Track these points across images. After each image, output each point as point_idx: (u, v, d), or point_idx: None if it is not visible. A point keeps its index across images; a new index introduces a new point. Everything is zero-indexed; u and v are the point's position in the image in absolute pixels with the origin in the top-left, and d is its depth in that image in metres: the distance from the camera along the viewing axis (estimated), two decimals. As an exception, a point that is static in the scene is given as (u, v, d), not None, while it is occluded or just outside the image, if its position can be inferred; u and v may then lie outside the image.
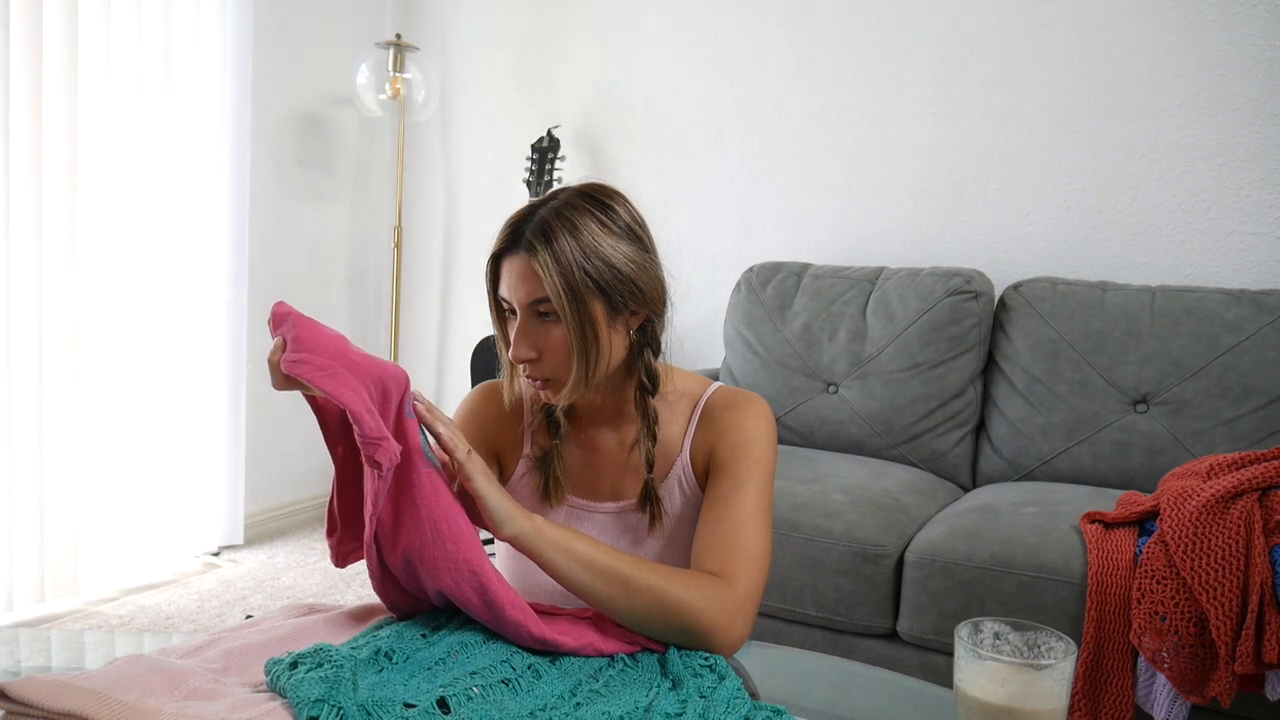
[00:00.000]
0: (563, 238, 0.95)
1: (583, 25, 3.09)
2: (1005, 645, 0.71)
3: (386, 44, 3.09)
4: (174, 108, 2.64)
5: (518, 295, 0.97)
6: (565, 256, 0.95)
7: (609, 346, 0.99)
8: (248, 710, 0.66)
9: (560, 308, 0.95)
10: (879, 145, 2.67)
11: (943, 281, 2.29)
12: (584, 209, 0.98)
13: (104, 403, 2.52)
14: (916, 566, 1.74)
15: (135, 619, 2.36)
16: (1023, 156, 2.49)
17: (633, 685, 0.80)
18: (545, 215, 0.97)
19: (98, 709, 0.62)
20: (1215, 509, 1.47)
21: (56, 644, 0.92)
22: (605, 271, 0.96)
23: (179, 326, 2.71)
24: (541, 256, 0.95)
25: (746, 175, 2.86)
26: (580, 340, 0.96)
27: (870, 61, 2.67)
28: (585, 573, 0.87)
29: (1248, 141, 2.25)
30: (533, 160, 2.88)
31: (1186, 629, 1.43)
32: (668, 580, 0.88)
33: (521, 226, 0.98)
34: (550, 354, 0.98)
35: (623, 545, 1.08)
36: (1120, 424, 2.07)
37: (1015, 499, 1.88)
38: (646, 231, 1.04)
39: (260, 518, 3.07)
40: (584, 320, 0.96)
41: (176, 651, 0.77)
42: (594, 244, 0.96)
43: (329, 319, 3.14)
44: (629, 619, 0.87)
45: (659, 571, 0.89)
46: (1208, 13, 2.27)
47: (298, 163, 3.13)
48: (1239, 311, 2.03)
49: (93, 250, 2.45)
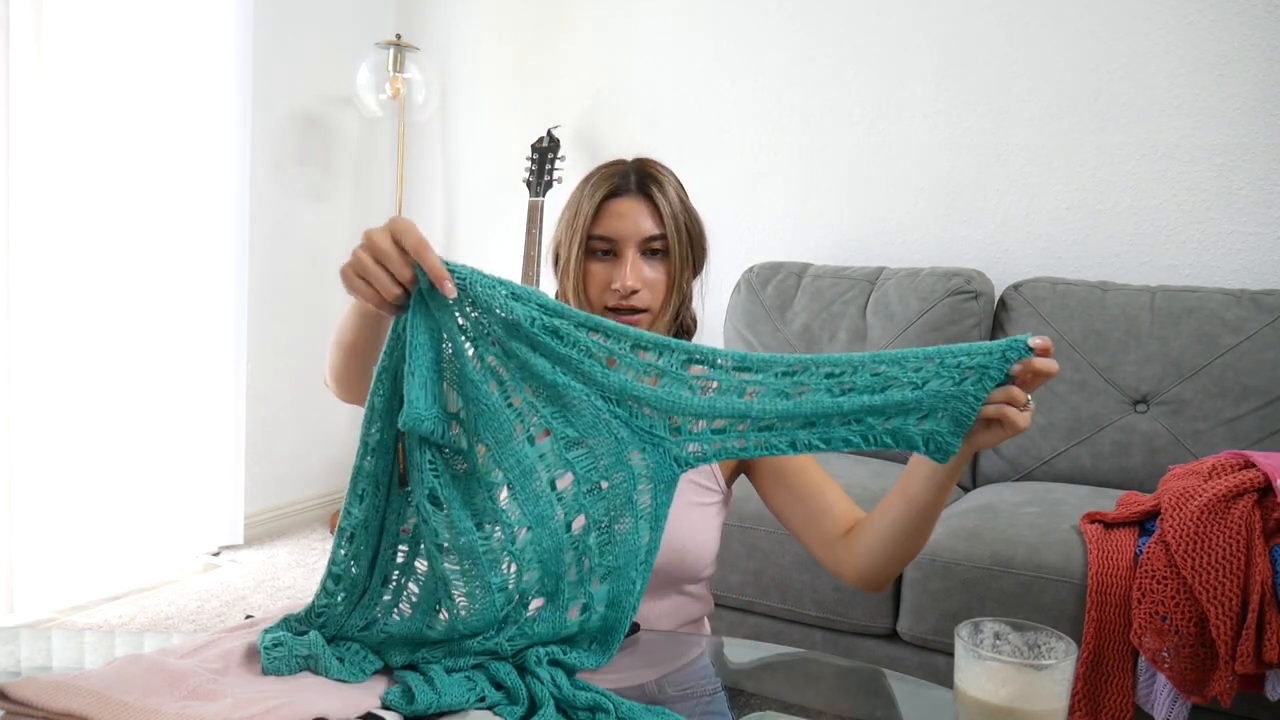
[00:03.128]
0: (669, 187, 1.12)
1: (583, 25, 3.09)
2: (1005, 645, 0.71)
3: (386, 44, 3.09)
4: (174, 107, 2.63)
5: (633, 231, 1.10)
6: (675, 201, 1.12)
7: (688, 286, 1.15)
8: (248, 710, 0.66)
9: (675, 242, 1.11)
10: (879, 145, 2.67)
11: (943, 281, 2.29)
12: (670, 172, 1.15)
13: (103, 403, 2.51)
14: (916, 566, 1.74)
15: (135, 619, 2.36)
16: (1023, 156, 2.49)
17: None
18: (648, 169, 1.13)
19: (98, 709, 0.62)
20: (1216, 509, 1.47)
21: (56, 644, 0.92)
22: (693, 224, 1.15)
23: (179, 326, 2.71)
24: (660, 198, 1.10)
25: (746, 175, 2.85)
26: (680, 273, 1.12)
27: (871, 61, 2.66)
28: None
29: (1248, 141, 2.25)
30: (533, 160, 2.87)
31: (1187, 629, 1.43)
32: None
33: (628, 175, 1.12)
34: (650, 287, 1.11)
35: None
36: (1120, 424, 2.07)
37: (1015, 499, 1.88)
38: None
39: (260, 518, 3.07)
40: (684, 255, 1.12)
41: (176, 651, 0.77)
42: (685, 198, 1.15)
43: (328, 319, 3.14)
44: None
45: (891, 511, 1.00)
46: (1208, 13, 2.27)
47: (298, 162, 3.13)
48: (1239, 311, 2.03)
49: (93, 250, 2.45)
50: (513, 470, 0.79)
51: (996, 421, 0.81)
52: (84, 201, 2.42)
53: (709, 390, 0.81)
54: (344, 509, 0.80)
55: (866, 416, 0.79)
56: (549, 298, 0.79)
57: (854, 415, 0.79)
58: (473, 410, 0.78)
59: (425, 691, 0.73)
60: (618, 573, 0.83)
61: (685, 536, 1.09)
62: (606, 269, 1.11)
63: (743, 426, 0.81)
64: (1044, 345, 0.79)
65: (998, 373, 0.78)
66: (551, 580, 0.81)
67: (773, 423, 0.80)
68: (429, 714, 0.72)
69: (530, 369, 0.78)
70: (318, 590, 0.81)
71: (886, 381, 0.79)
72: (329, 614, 0.81)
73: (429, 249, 0.76)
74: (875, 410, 0.79)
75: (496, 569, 0.78)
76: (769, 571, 1.87)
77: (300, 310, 3.13)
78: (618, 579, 0.83)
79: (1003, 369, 0.78)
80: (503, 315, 0.77)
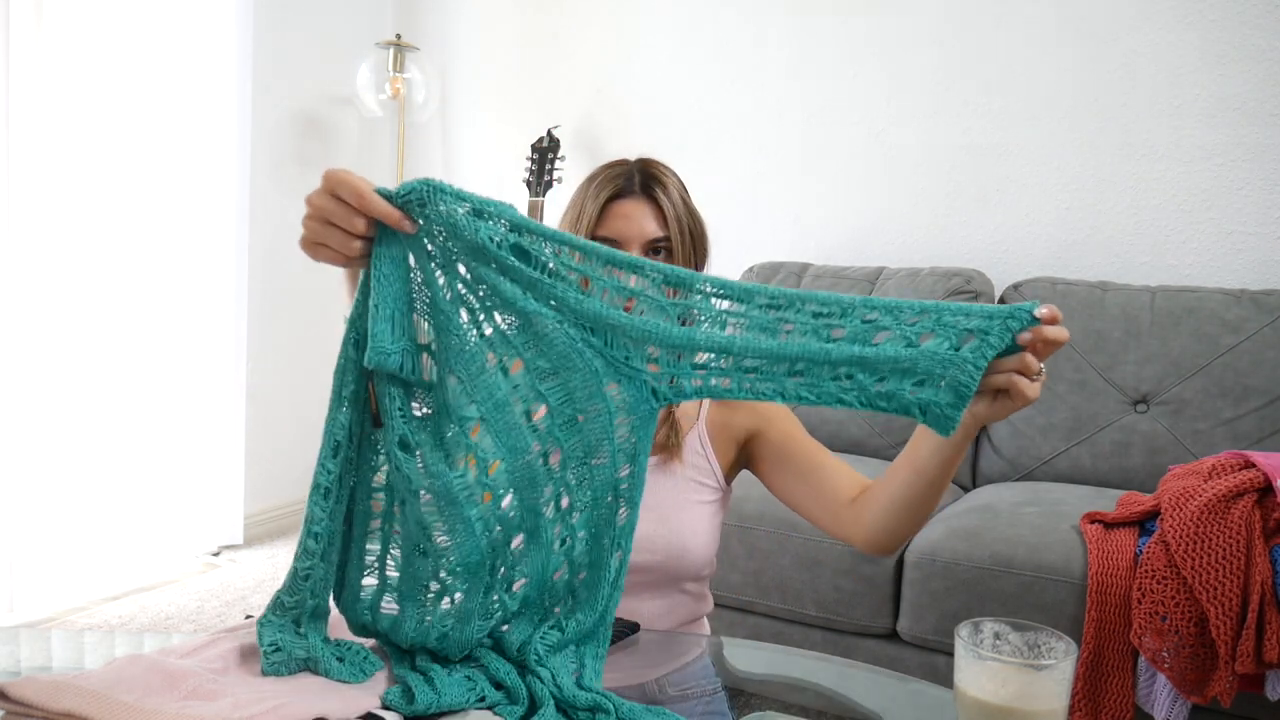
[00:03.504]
0: (673, 188, 1.11)
1: (583, 25, 3.09)
2: (1005, 645, 0.71)
3: (386, 44, 3.09)
4: (174, 108, 2.63)
5: (637, 233, 1.09)
6: (678, 203, 1.11)
7: None
8: (248, 710, 0.66)
9: (678, 244, 1.10)
10: (879, 145, 2.67)
11: (943, 281, 2.29)
12: (673, 172, 1.14)
13: (103, 403, 2.51)
14: (917, 567, 1.74)
15: (135, 619, 2.36)
16: (1023, 156, 2.49)
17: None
18: (651, 170, 1.12)
19: (98, 709, 0.62)
20: (1216, 509, 1.47)
21: (56, 644, 0.92)
22: (696, 225, 1.13)
23: (178, 326, 2.71)
24: (664, 200, 1.10)
25: (746, 175, 2.86)
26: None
27: (870, 61, 2.66)
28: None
29: (1248, 141, 2.25)
30: (533, 160, 2.87)
31: (1187, 629, 1.43)
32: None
33: (631, 176, 1.11)
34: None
35: (646, 489, 1.10)
36: (1120, 424, 2.07)
37: (1015, 499, 1.88)
38: None
39: (260, 518, 3.07)
40: (688, 257, 1.11)
41: (176, 651, 0.77)
42: (688, 199, 1.14)
43: (328, 319, 3.14)
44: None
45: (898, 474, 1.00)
46: (1208, 13, 2.27)
47: (298, 163, 3.13)
48: (1239, 311, 2.03)
49: (94, 251, 2.45)
50: (486, 403, 0.76)
51: (1004, 392, 0.78)
52: (85, 202, 2.42)
53: (690, 319, 0.77)
54: (319, 464, 0.77)
55: (858, 372, 0.75)
56: (517, 212, 0.74)
57: (844, 367, 0.75)
58: (444, 341, 0.75)
59: (425, 691, 0.73)
60: (596, 506, 0.79)
61: (685, 534, 1.09)
62: None
63: (725, 363, 0.76)
64: (1052, 314, 0.76)
65: (999, 340, 0.74)
66: (530, 516, 0.79)
67: (757, 364, 0.76)
68: (429, 714, 0.72)
69: (500, 295, 0.75)
70: (297, 552, 0.79)
71: (878, 330, 0.75)
72: (314, 574, 0.79)
73: (371, 195, 0.71)
74: (867, 365, 0.74)
75: (474, 502, 0.76)
76: (769, 571, 1.87)
77: (300, 310, 3.13)
78: (595, 511, 0.80)
79: (1004, 337, 0.74)
80: (469, 237, 0.72)
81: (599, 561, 0.80)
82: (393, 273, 0.73)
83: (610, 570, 0.80)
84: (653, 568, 1.08)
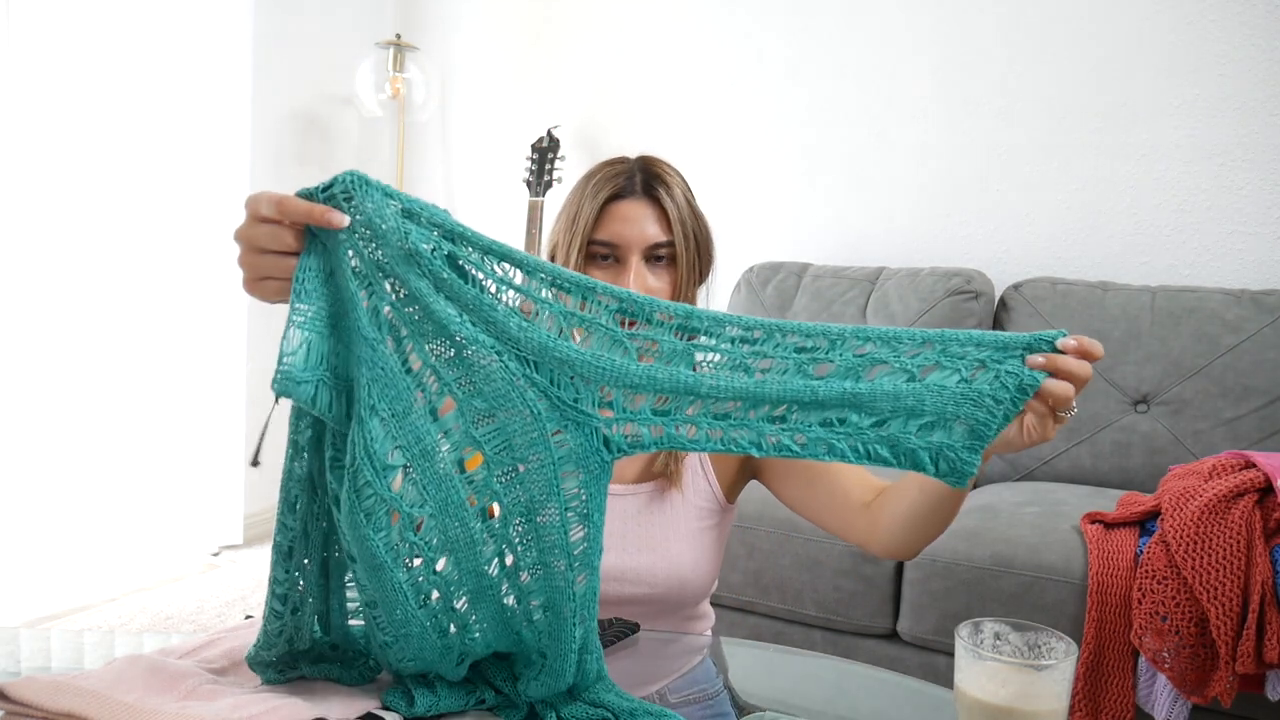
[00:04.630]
0: (677, 189, 1.04)
1: (583, 25, 3.09)
2: (1005, 646, 0.71)
3: (386, 44, 3.09)
4: (174, 107, 2.63)
5: (638, 237, 1.02)
6: (682, 205, 1.04)
7: (694, 292, 1.08)
8: (247, 710, 0.66)
9: (682, 249, 1.03)
10: (879, 145, 2.67)
11: (943, 281, 2.29)
12: (676, 171, 1.08)
13: (103, 403, 2.51)
14: (916, 567, 1.74)
15: (135, 619, 2.35)
16: (1023, 156, 2.48)
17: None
18: (654, 169, 1.05)
19: (98, 709, 0.62)
20: (1217, 509, 1.47)
21: (56, 644, 0.92)
22: (701, 229, 1.07)
23: (179, 326, 2.71)
24: (668, 201, 1.02)
25: (746, 174, 2.85)
26: (687, 278, 1.04)
27: (870, 61, 2.66)
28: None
29: (1248, 141, 2.24)
30: (533, 160, 2.87)
31: (1187, 629, 1.43)
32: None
33: (632, 175, 1.04)
34: (656, 295, 1.03)
35: (643, 520, 1.07)
36: (1120, 424, 2.07)
37: (1015, 499, 1.88)
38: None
39: (260, 518, 3.07)
40: (691, 263, 1.04)
41: (176, 651, 0.77)
42: (692, 200, 1.07)
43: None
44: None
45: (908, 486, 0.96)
46: (1208, 13, 2.27)
47: (298, 162, 3.13)
48: (1239, 311, 2.03)
49: (93, 251, 2.45)
50: (411, 449, 0.65)
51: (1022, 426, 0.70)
52: (86, 202, 2.42)
53: (649, 354, 0.66)
54: (277, 522, 0.70)
55: (851, 414, 0.65)
56: (451, 217, 0.64)
57: (835, 410, 0.65)
58: (368, 374, 0.64)
59: (425, 694, 0.73)
60: (548, 572, 0.68)
61: (684, 566, 1.06)
62: (608, 276, 1.02)
63: (692, 409, 0.66)
64: (1081, 347, 0.68)
65: (1017, 372, 0.66)
66: (472, 578, 0.68)
67: (729, 409, 0.66)
68: (429, 715, 0.72)
69: (433, 318, 0.64)
70: (265, 613, 0.71)
71: (873, 364, 0.65)
72: (286, 630, 0.72)
73: (288, 199, 0.64)
74: (862, 405, 0.65)
75: (400, 565, 0.66)
76: (769, 571, 1.87)
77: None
78: (548, 578, 0.68)
79: (1023, 370, 0.67)
80: (397, 243, 0.63)
81: (559, 633, 0.69)
82: (317, 289, 0.65)
83: (574, 641, 0.69)
84: (652, 600, 1.06)
